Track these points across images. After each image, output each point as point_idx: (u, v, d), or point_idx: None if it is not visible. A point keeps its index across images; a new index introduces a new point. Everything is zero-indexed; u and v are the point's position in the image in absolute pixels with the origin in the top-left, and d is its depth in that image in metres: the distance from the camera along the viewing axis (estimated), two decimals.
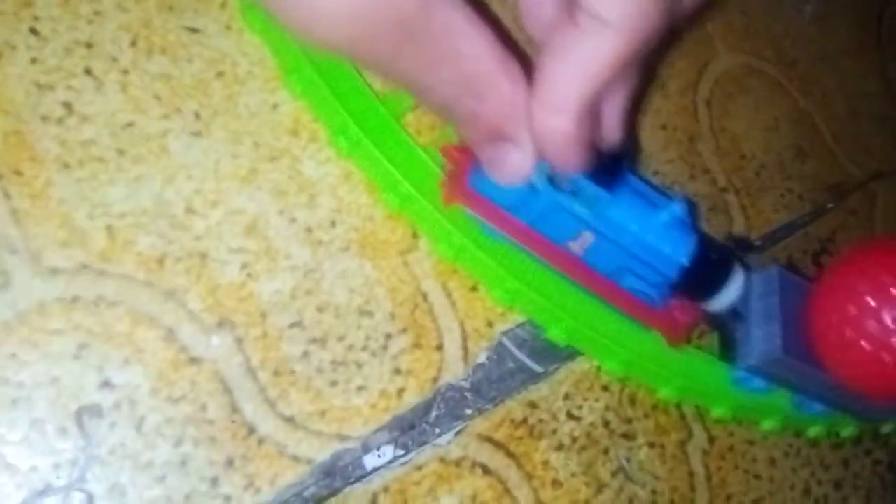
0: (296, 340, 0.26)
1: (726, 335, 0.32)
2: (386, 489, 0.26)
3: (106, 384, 0.23)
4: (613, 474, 0.30)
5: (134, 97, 0.26)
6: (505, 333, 0.29)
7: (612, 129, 0.25)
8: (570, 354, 0.30)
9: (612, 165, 0.26)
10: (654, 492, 0.30)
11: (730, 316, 0.31)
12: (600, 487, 0.29)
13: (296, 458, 0.25)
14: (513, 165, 0.24)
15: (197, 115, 0.26)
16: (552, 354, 0.30)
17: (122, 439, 0.23)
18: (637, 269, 0.28)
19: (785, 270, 0.31)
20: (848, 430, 0.35)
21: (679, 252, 0.28)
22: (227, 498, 0.24)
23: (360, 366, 0.26)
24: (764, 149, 0.39)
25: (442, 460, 0.27)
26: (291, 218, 0.27)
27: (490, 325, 0.29)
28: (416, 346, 0.27)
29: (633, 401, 0.31)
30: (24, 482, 0.22)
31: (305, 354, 0.26)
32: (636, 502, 0.30)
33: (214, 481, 0.24)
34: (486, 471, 0.27)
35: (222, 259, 0.26)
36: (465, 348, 0.28)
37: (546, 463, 0.29)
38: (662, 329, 0.30)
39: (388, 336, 0.27)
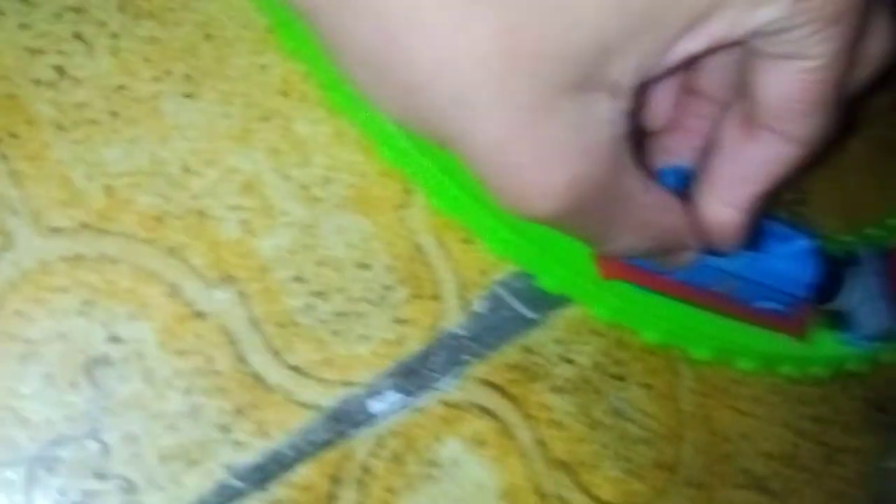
0: (297, 294, 0.26)
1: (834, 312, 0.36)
2: (392, 432, 0.26)
3: (113, 339, 0.24)
4: (607, 413, 0.31)
5: (124, 60, 0.26)
6: (499, 283, 0.30)
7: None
8: (562, 301, 0.31)
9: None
10: (646, 429, 0.32)
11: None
12: (596, 426, 0.30)
13: (303, 405, 0.25)
14: (682, 262, 0.27)
15: (187, 77, 0.27)
16: (545, 302, 0.31)
17: (132, 391, 0.23)
18: (771, 294, 0.31)
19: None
20: (817, 370, 0.37)
21: (808, 275, 0.30)
22: (239, 444, 0.24)
23: (361, 316, 0.27)
24: None
25: (444, 404, 0.28)
26: (286, 176, 0.27)
27: (485, 274, 0.30)
28: (415, 296, 0.28)
29: (622, 344, 0.32)
30: (37, 434, 0.22)
31: (307, 307, 0.26)
32: (630, 438, 0.31)
33: (225, 428, 0.24)
34: (487, 412, 0.28)
35: (221, 216, 0.26)
36: (461, 297, 0.29)
37: (543, 404, 0.30)
38: (788, 331, 0.34)
39: (387, 287, 0.28)
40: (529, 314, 0.30)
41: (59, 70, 0.25)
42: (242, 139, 0.27)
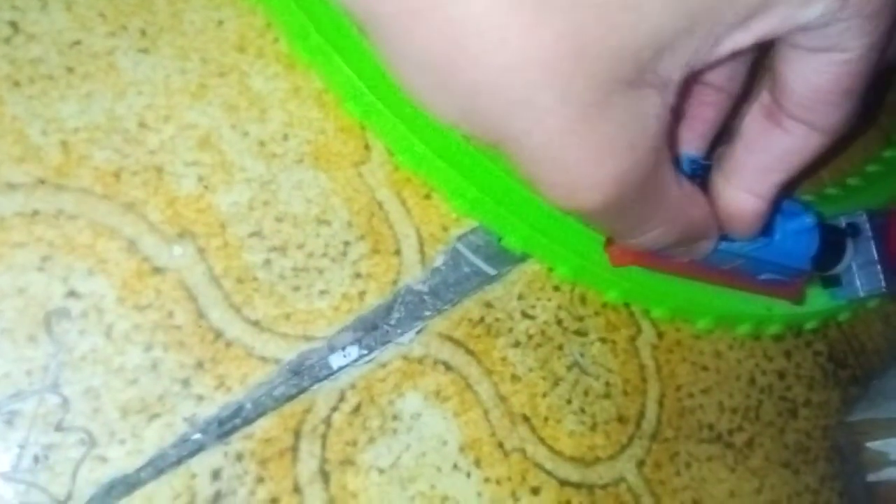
0: (256, 249, 0.27)
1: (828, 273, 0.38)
2: (353, 386, 0.27)
3: (72, 294, 0.24)
4: (569, 368, 0.31)
5: (79, 16, 0.26)
6: (459, 239, 0.30)
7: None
8: (522, 257, 0.31)
9: None
10: (607, 383, 0.32)
11: None
12: (557, 381, 0.31)
13: (264, 359, 0.26)
14: (700, 252, 0.28)
15: (143, 33, 0.27)
16: (505, 258, 0.31)
17: (92, 345, 0.24)
18: (776, 269, 0.33)
19: (871, 213, 0.37)
20: (773, 329, 0.38)
21: (810, 249, 0.32)
22: (200, 397, 0.25)
23: (320, 271, 0.27)
24: None
25: (405, 358, 0.28)
26: (244, 132, 0.27)
27: (445, 229, 0.30)
28: (375, 251, 0.28)
29: (583, 300, 0.33)
30: None
31: (267, 262, 0.27)
32: (592, 393, 0.32)
33: (186, 382, 0.24)
34: (448, 367, 0.29)
35: (178, 172, 0.26)
36: (422, 252, 0.29)
37: (504, 359, 0.30)
38: (788, 296, 0.35)
39: (347, 243, 0.28)
40: (489, 270, 0.31)
41: (13, 25, 0.25)
42: (199, 95, 0.27)
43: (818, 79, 0.22)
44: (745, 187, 0.25)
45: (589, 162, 0.20)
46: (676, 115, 0.27)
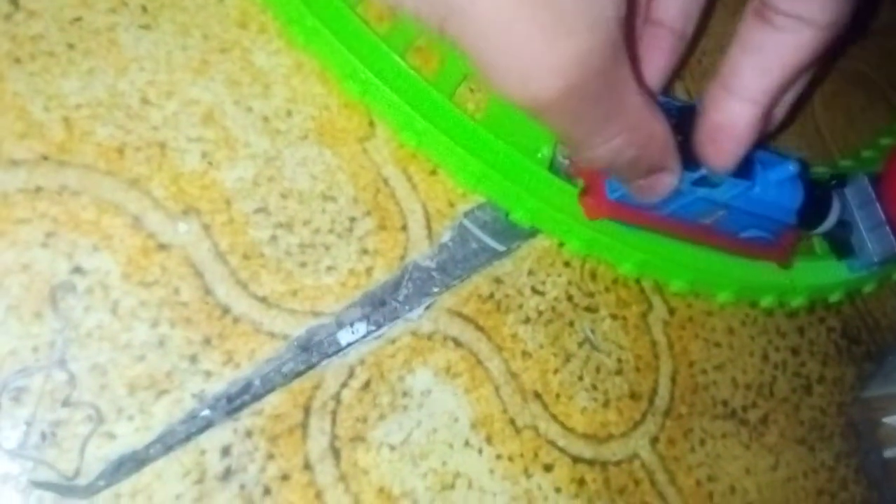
0: (262, 225, 0.26)
1: (840, 241, 0.38)
2: (362, 362, 0.27)
3: (77, 270, 0.24)
4: (580, 345, 0.31)
5: None
6: (466, 215, 0.30)
7: (777, 118, 0.27)
8: (531, 232, 0.31)
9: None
10: (619, 360, 0.32)
11: (839, 226, 0.36)
12: (568, 357, 0.31)
13: (272, 335, 0.25)
14: (664, 188, 0.27)
15: (144, 9, 0.26)
16: (513, 233, 0.31)
17: (98, 322, 0.23)
18: (759, 223, 0.31)
19: (873, 177, 0.36)
20: (798, 301, 0.37)
21: (795, 201, 0.30)
22: (208, 373, 0.24)
23: (327, 247, 0.27)
24: (704, 37, 0.40)
25: (414, 334, 0.28)
26: (247, 108, 0.27)
27: (452, 205, 0.30)
28: (381, 227, 0.28)
29: (594, 275, 0.32)
30: (3, 365, 0.22)
31: (273, 238, 0.26)
32: (603, 370, 0.31)
33: (194, 358, 0.24)
34: (458, 343, 0.28)
35: (182, 148, 0.26)
36: (428, 227, 0.29)
37: (514, 335, 0.30)
38: (775, 258, 0.34)
39: (353, 219, 0.28)
40: (497, 246, 0.30)
41: (14, 2, 0.25)
42: (201, 71, 0.27)
43: None
44: (738, 92, 0.24)
45: (544, 41, 0.18)
46: (632, 55, 0.26)
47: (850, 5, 0.22)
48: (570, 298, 0.31)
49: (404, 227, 0.28)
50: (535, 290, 0.31)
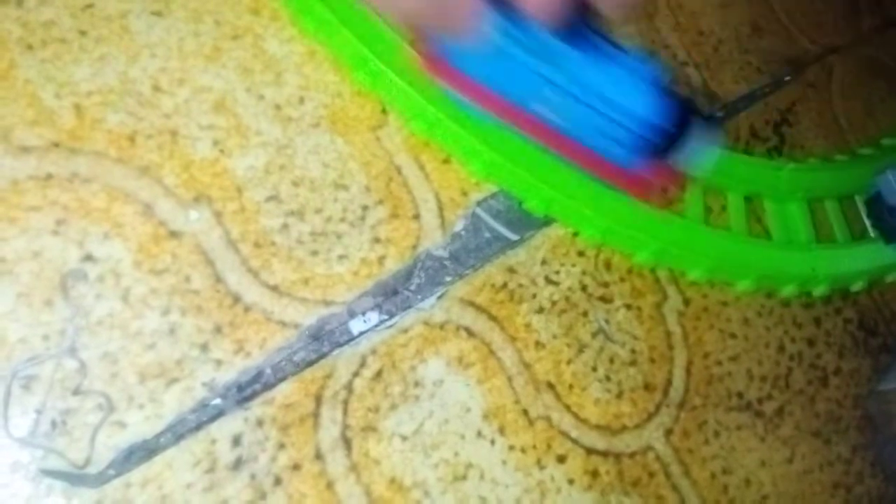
0: (273, 213, 0.26)
1: (889, 226, 0.37)
2: (374, 351, 0.26)
3: (88, 258, 0.23)
4: (593, 335, 0.31)
5: None
6: (479, 204, 0.30)
7: None
8: (545, 221, 0.31)
9: (577, 23, 0.26)
10: (633, 351, 0.31)
11: (889, 212, 0.36)
12: (581, 348, 0.30)
13: (283, 323, 0.25)
14: (462, 23, 0.22)
15: None
16: (527, 222, 0.30)
17: (109, 310, 0.23)
18: (607, 129, 0.28)
19: None
20: (820, 290, 0.37)
21: (645, 108, 0.27)
22: (219, 362, 0.24)
23: (339, 236, 0.27)
24: (721, 25, 0.39)
25: (426, 324, 0.27)
26: (259, 95, 0.27)
27: (465, 194, 0.29)
28: (394, 216, 0.28)
29: (608, 266, 0.32)
30: (13, 353, 0.22)
31: (284, 226, 0.26)
32: (617, 360, 0.31)
33: (204, 347, 0.24)
34: (470, 333, 0.28)
35: (193, 136, 0.26)
36: (441, 217, 0.29)
37: (528, 325, 0.29)
38: (633, 191, 0.31)
39: (365, 207, 0.28)
40: (511, 235, 0.30)
41: None
42: (213, 58, 0.26)
43: None
44: None
45: None
46: None
47: None
48: (584, 288, 0.31)
49: (417, 216, 0.28)
50: (548, 280, 0.30)
